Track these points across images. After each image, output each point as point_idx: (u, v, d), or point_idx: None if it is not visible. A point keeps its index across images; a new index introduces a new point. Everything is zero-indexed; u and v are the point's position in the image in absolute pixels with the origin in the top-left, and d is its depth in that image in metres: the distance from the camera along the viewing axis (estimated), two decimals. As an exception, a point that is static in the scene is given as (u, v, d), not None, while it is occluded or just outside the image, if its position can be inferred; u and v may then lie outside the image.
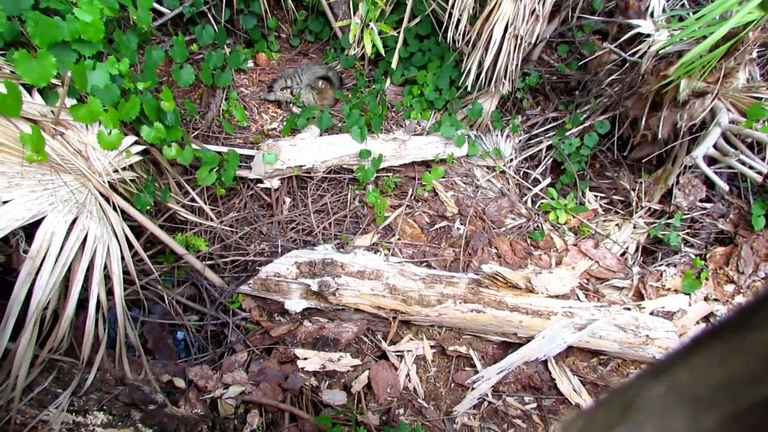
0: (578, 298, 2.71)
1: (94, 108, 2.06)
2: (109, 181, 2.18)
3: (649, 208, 3.10)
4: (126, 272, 2.24)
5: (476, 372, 2.51)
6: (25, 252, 1.91)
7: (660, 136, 2.79)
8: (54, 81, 2.02)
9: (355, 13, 3.06)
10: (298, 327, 2.51)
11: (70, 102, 2.06)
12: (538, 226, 3.00)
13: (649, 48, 2.69)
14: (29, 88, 2.04)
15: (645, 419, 0.30)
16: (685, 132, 2.75)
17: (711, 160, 2.64)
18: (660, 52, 2.61)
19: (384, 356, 2.51)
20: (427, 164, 3.14)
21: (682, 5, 3.18)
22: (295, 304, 2.45)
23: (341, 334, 2.48)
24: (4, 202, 1.87)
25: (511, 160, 3.27)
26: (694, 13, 2.41)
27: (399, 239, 2.84)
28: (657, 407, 0.29)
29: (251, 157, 2.90)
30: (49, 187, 1.99)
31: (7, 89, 1.83)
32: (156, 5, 2.95)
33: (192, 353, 2.53)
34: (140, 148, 2.35)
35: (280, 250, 2.71)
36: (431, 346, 2.56)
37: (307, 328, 2.50)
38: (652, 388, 0.30)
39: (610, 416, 0.34)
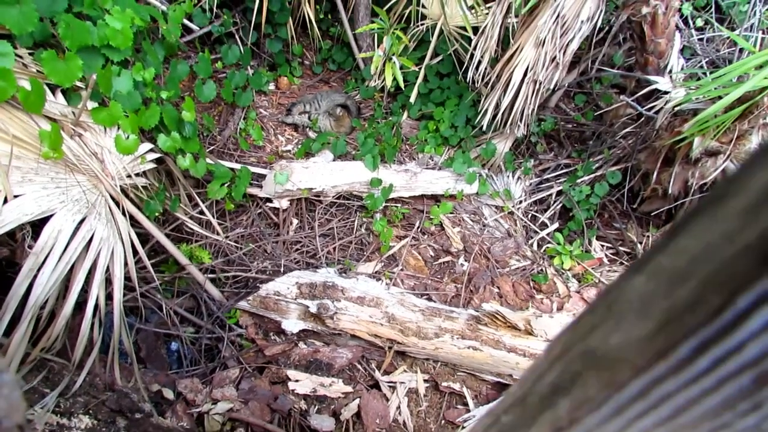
0: (577, 346, 2.68)
1: (115, 112, 2.10)
2: (121, 186, 2.21)
3: (655, 263, 3.08)
4: (127, 278, 2.25)
5: (468, 411, 2.47)
6: (30, 247, 1.93)
7: (670, 191, 2.80)
8: (78, 83, 2.07)
9: (378, 46, 3.13)
10: (292, 348, 2.48)
11: (91, 105, 2.10)
12: (542, 270, 2.98)
13: (665, 104, 2.72)
14: (53, 88, 2.09)
15: (627, 308, 0.31)
16: (695, 189, 2.75)
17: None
18: (676, 108, 2.64)
19: (376, 386, 2.48)
20: (436, 198, 3.16)
21: (701, 66, 3.23)
22: (293, 324, 2.44)
23: (335, 359, 2.46)
24: (16, 196, 1.89)
25: (521, 201, 3.28)
26: (711, 73, 2.45)
27: (402, 270, 2.84)
28: (637, 294, 0.30)
29: (263, 176, 2.93)
30: (61, 186, 2.02)
31: (32, 86, 1.87)
32: (186, 21, 3.04)
33: (184, 365, 2.51)
34: (155, 155, 2.39)
35: (282, 270, 2.71)
36: (425, 380, 2.53)
37: (302, 350, 2.48)
38: (634, 279, 0.31)
39: (594, 318, 0.35)
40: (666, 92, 2.74)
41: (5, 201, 1.83)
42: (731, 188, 0.26)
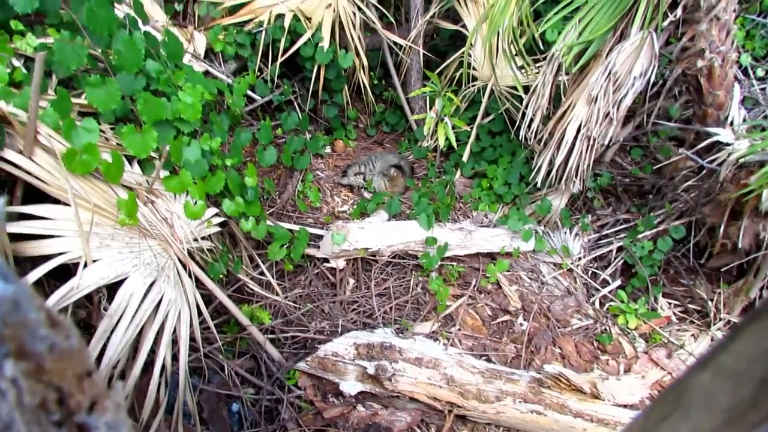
0: (648, 411, 2.54)
1: (185, 180, 2.23)
2: (188, 249, 2.31)
3: (728, 321, 2.92)
4: (191, 339, 2.31)
5: (534, 480, 2.35)
6: (105, 309, 2.02)
7: (740, 245, 2.68)
8: (152, 154, 2.22)
9: (431, 108, 3.22)
10: (351, 411, 2.46)
11: (163, 173, 2.23)
12: (605, 329, 2.88)
13: (728, 156, 2.64)
14: (130, 159, 2.24)
15: (694, 402, 0.32)
16: (768, 243, 2.63)
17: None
18: (740, 160, 2.57)
19: (437, 452, 2.41)
20: (492, 256, 3.13)
21: (765, 116, 3.14)
22: (351, 386, 2.42)
23: (394, 423, 2.42)
24: (94, 261, 2.00)
25: (580, 258, 3.21)
26: (775, 123, 2.38)
27: (459, 329, 2.80)
28: (703, 390, 0.31)
29: (320, 237, 3.00)
30: (134, 250, 2.13)
31: (113, 159, 2.02)
32: (249, 92, 3.23)
33: (245, 427, 2.51)
34: (220, 219, 2.49)
35: (339, 330, 2.73)
36: (487, 447, 2.44)
37: (360, 413, 2.46)
38: (699, 375, 0.33)
39: (664, 408, 0.36)
40: (728, 144, 2.67)
41: (85, 265, 1.95)
42: None
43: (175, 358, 2.23)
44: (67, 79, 2.16)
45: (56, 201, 1.98)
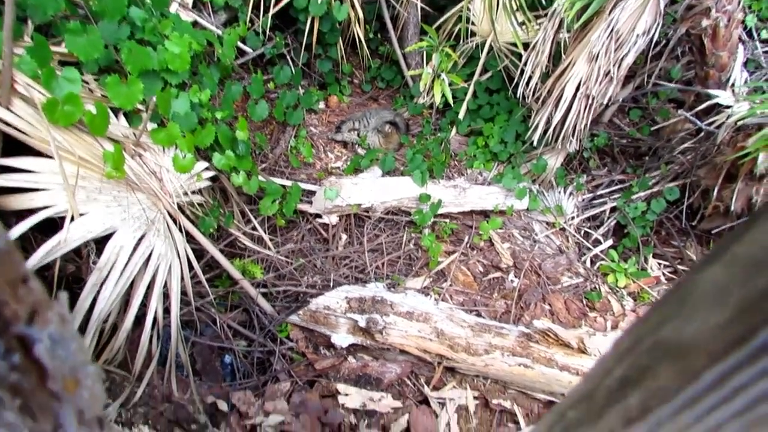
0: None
1: (173, 133, 2.19)
2: (177, 203, 2.29)
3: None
4: (183, 293, 2.32)
5: (519, 429, 2.41)
6: (94, 263, 2.02)
7: (733, 208, 2.68)
8: (139, 106, 2.17)
9: (427, 63, 3.16)
10: (342, 362, 2.50)
11: (151, 126, 2.19)
12: (595, 288, 2.91)
13: (727, 119, 2.62)
14: (116, 111, 2.20)
15: (701, 299, 0.30)
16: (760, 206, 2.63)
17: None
18: (739, 123, 2.54)
19: (425, 401, 2.46)
20: (485, 214, 3.13)
21: (766, 79, 3.10)
22: (342, 338, 2.46)
23: (384, 374, 2.46)
24: (81, 215, 1.99)
25: (573, 218, 3.22)
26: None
27: (451, 285, 2.82)
28: (713, 284, 0.30)
29: (313, 193, 2.98)
30: (122, 204, 2.11)
31: (97, 110, 1.97)
32: (240, 44, 3.14)
33: (237, 378, 2.56)
34: (210, 173, 2.47)
35: (331, 284, 2.75)
36: (474, 397, 2.49)
37: (351, 364, 2.50)
38: (707, 270, 0.30)
39: (665, 310, 0.34)
40: (728, 107, 2.64)
41: (72, 219, 1.93)
42: None
43: (166, 311, 2.24)
44: (44, 25, 2.07)
45: (39, 154, 1.94)
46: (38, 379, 0.50)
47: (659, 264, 3.11)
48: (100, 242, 2.06)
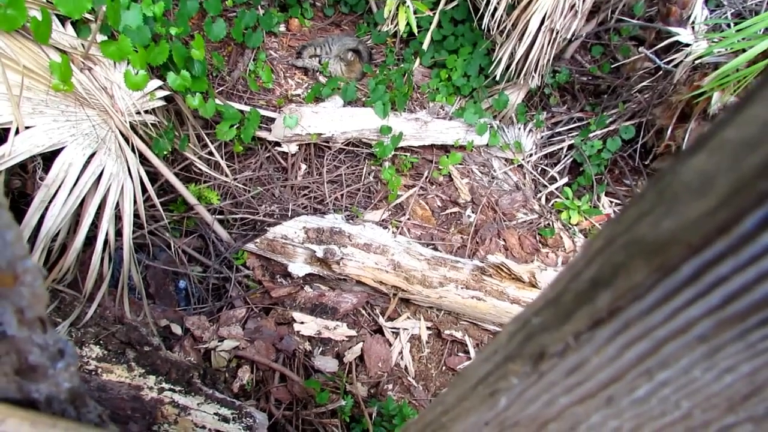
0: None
1: (124, 47, 2.07)
2: (130, 122, 2.19)
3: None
4: (136, 215, 2.26)
5: (469, 358, 2.51)
6: (41, 179, 1.93)
7: (684, 148, 2.76)
8: (88, 16, 2.03)
9: (393, -12, 3.04)
10: (298, 291, 2.52)
11: (101, 38, 2.06)
12: (549, 224, 2.98)
13: (685, 57, 2.65)
14: (63, 20, 2.05)
15: (683, 190, 0.29)
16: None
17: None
18: (696, 62, 2.57)
19: (380, 331, 2.52)
20: (446, 149, 3.13)
21: (726, 17, 3.12)
22: (299, 268, 2.46)
23: (340, 303, 2.49)
24: (27, 128, 1.88)
25: (531, 155, 3.25)
26: (736, 25, 2.37)
27: (409, 219, 2.84)
28: (696, 173, 0.28)
29: (272, 120, 2.90)
30: (71, 119, 2.01)
31: (42, 15, 1.84)
32: (196, -44, 2.95)
33: (192, 303, 2.55)
34: (164, 93, 2.36)
35: (290, 214, 2.72)
36: (428, 327, 2.57)
37: (308, 293, 2.52)
38: (690, 161, 0.29)
39: (642, 206, 0.32)
40: (687, 45, 2.66)
41: (17, 132, 1.83)
42: None
43: (119, 233, 2.18)
44: None
45: (-21, 59, 1.81)
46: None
47: (611, 202, 3.20)
48: (48, 160, 1.97)
